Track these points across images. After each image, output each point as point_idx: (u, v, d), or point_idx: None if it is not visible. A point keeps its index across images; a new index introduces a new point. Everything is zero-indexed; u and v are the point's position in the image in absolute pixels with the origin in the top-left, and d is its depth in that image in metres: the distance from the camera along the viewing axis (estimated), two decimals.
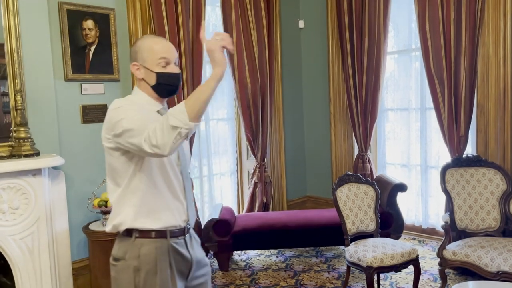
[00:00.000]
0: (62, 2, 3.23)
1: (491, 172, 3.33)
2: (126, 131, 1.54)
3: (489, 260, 2.86)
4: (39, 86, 3.07)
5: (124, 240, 1.69)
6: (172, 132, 1.46)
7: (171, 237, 1.70)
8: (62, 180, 3.11)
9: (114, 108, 1.62)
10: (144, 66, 1.71)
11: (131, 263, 1.65)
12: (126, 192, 1.67)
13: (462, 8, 3.65)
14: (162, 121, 1.48)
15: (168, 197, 1.70)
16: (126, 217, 1.66)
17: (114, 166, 1.68)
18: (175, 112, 1.48)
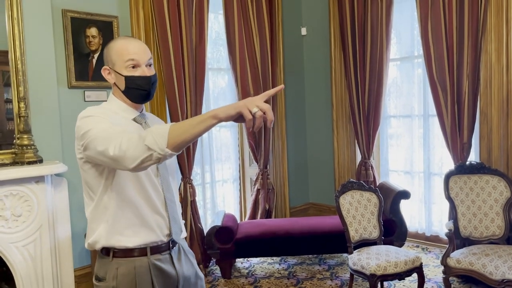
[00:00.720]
0: (66, 10, 3.26)
1: (495, 179, 3.31)
2: (93, 140, 1.42)
3: (493, 268, 2.84)
4: (43, 93, 3.09)
5: (103, 259, 1.59)
6: (144, 151, 1.33)
7: (152, 254, 1.59)
8: (65, 187, 3.11)
9: (84, 116, 1.50)
10: (113, 69, 1.59)
11: (110, 284, 1.55)
12: (99, 208, 1.56)
13: (465, 15, 3.65)
14: (141, 136, 1.36)
15: (145, 212, 1.57)
16: (100, 235, 1.55)
17: (86, 180, 1.57)
18: (155, 133, 1.34)
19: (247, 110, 1.31)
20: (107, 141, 1.38)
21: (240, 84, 4.33)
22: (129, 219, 1.55)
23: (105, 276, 1.57)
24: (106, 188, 1.54)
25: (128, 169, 1.37)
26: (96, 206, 1.56)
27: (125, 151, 1.34)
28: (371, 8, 4.35)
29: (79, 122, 1.50)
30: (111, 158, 1.37)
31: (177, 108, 3.77)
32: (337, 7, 4.69)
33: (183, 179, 3.88)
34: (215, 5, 4.32)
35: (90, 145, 1.43)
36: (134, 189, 1.56)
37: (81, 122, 1.49)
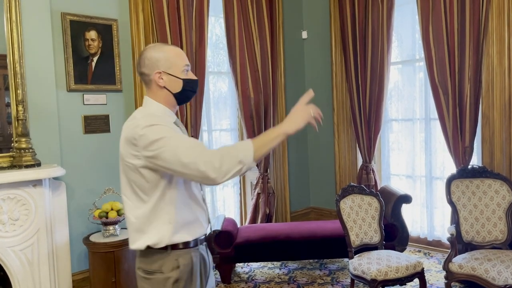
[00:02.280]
0: (65, 13, 3.25)
1: (497, 183, 3.27)
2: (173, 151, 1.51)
3: (496, 274, 2.80)
4: (41, 97, 3.08)
5: (158, 254, 1.64)
6: (236, 165, 1.51)
7: (200, 244, 1.73)
8: (63, 191, 3.09)
9: (148, 125, 1.55)
10: (168, 73, 1.67)
11: (170, 275, 1.64)
12: (155, 210, 1.62)
13: (466, 18, 3.63)
14: (229, 151, 1.52)
15: (195, 208, 1.71)
16: (164, 235, 1.62)
17: (139, 184, 1.61)
18: (243, 148, 1.53)
19: (313, 120, 1.60)
20: (194, 156, 1.50)
21: (240, 88, 4.31)
22: (185, 218, 1.67)
23: (160, 268, 1.64)
24: (164, 192, 1.61)
25: (215, 183, 1.53)
26: (152, 209, 1.62)
27: (219, 168, 1.49)
28: (372, 11, 4.33)
29: (142, 130, 1.55)
30: (201, 172, 1.50)
31: (177, 112, 3.74)
32: (338, 10, 4.68)
33: None
34: (215, 8, 4.31)
35: (165, 155, 1.52)
36: (186, 190, 1.68)
37: (146, 131, 1.54)
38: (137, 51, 3.61)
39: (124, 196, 1.68)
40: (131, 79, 3.62)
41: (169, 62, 1.67)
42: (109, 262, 3.10)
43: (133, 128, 1.58)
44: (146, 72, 1.68)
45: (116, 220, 3.18)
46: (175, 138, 1.55)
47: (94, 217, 3.18)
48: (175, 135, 1.56)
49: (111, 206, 3.18)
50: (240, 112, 4.39)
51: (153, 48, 1.71)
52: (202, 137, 4.35)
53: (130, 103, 3.63)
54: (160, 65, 1.66)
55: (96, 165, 3.46)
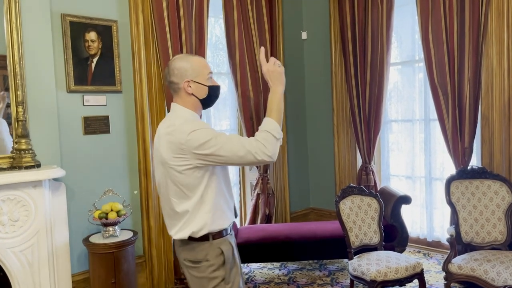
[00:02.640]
0: (65, 14, 3.25)
1: (497, 184, 3.28)
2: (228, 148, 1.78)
3: (495, 274, 2.80)
4: (41, 98, 3.07)
5: (201, 244, 1.89)
6: (277, 142, 1.81)
7: (231, 231, 1.99)
8: (63, 192, 3.09)
9: (192, 130, 1.79)
10: (195, 81, 1.89)
11: (215, 261, 1.88)
12: (199, 202, 1.86)
13: (465, 19, 3.63)
14: (264, 136, 1.79)
15: (228, 198, 1.96)
16: (205, 223, 1.87)
17: (185, 182, 1.85)
18: (271, 127, 1.81)
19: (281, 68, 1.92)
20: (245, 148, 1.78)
21: (240, 88, 4.31)
22: (222, 207, 1.92)
23: (206, 257, 1.88)
24: (207, 186, 1.86)
25: (271, 162, 1.83)
26: (196, 202, 1.86)
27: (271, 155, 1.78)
28: (372, 12, 4.33)
29: (189, 135, 1.78)
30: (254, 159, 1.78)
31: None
32: (337, 11, 4.68)
33: None
34: (215, 9, 4.31)
35: (221, 152, 1.78)
36: (223, 182, 1.94)
37: (193, 135, 1.78)
38: (137, 52, 3.61)
39: (170, 196, 1.91)
40: (131, 80, 3.62)
41: (196, 71, 1.89)
42: (109, 263, 3.10)
43: (178, 134, 1.81)
44: (176, 81, 1.90)
45: (116, 221, 3.18)
46: (223, 136, 1.81)
47: (94, 218, 3.18)
48: (220, 133, 1.82)
49: (111, 207, 3.18)
50: (240, 112, 4.39)
51: (181, 59, 1.93)
52: None
53: (130, 104, 3.64)
54: (189, 74, 1.88)
55: (96, 166, 3.46)
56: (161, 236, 3.77)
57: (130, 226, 3.59)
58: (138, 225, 3.69)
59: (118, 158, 3.59)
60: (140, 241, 3.69)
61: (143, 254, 3.71)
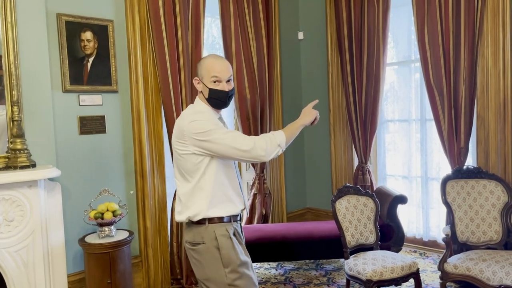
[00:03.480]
0: (60, 13, 3.24)
1: (492, 184, 3.29)
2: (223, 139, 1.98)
3: (491, 274, 2.81)
4: (37, 97, 3.06)
5: (198, 227, 2.07)
6: (276, 148, 2.03)
7: (233, 221, 2.12)
8: (58, 192, 3.08)
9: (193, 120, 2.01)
10: (202, 81, 2.12)
11: (210, 244, 2.03)
12: (196, 188, 2.05)
13: (461, 20, 3.64)
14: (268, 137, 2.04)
15: (230, 191, 2.11)
16: (201, 209, 2.04)
17: (185, 167, 2.06)
18: (279, 136, 2.05)
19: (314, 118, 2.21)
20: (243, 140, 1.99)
21: (236, 88, 4.31)
22: (220, 197, 2.07)
23: (202, 240, 2.05)
24: (204, 173, 2.04)
25: (263, 161, 2.05)
26: (193, 187, 2.05)
27: (265, 150, 1.99)
28: (368, 12, 4.34)
29: (190, 124, 2.01)
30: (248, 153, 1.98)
31: (173, 113, 3.74)
32: (334, 11, 4.69)
33: None
34: (211, 9, 4.31)
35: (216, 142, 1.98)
36: (224, 174, 2.09)
37: (193, 124, 2.01)
38: (133, 52, 3.61)
39: (175, 179, 2.15)
40: (127, 80, 3.62)
41: (203, 71, 2.11)
42: (104, 263, 3.09)
43: (182, 122, 2.04)
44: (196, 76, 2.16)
45: (112, 221, 3.17)
46: (221, 129, 2.01)
47: (90, 218, 3.17)
48: (219, 126, 2.02)
49: (107, 207, 3.17)
50: (236, 112, 4.39)
51: (203, 58, 2.18)
52: None
53: (126, 103, 3.63)
54: (199, 74, 2.13)
55: (91, 166, 3.45)
56: (157, 236, 3.77)
57: (126, 226, 3.58)
58: (134, 225, 3.68)
59: (114, 158, 3.58)
60: (136, 241, 3.68)
61: (139, 254, 3.71)
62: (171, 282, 3.86)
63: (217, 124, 2.06)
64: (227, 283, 2.01)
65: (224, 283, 2.01)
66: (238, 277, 2.02)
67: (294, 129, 2.13)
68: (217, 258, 2.02)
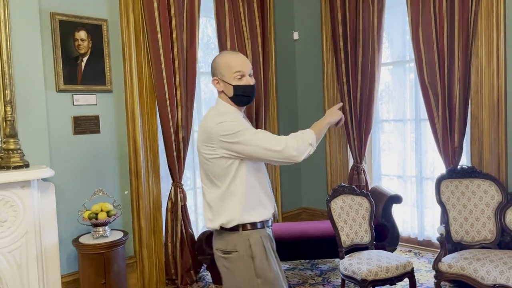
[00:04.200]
0: (54, 13, 3.22)
1: (486, 183, 3.30)
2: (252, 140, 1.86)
3: (485, 273, 2.82)
4: (30, 97, 3.04)
5: (231, 234, 1.95)
6: (308, 147, 1.90)
7: (266, 227, 2.02)
8: (52, 192, 3.06)
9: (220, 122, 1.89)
10: (222, 80, 1.98)
11: (244, 253, 1.92)
12: (227, 193, 1.93)
13: (455, 20, 3.66)
14: (299, 136, 1.90)
15: (261, 195, 2.00)
16: (234, 215, 1.93)
17: (214, 171, 1.94)
18: (309, 134, 1.92)
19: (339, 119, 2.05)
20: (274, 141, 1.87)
21: None
22: (252, 201, 1.96)
23: (235, 248, 1.93)
24: (234, 177, 1.92)
25: (296, 161, 1.89)
26: (224, 192, 1.94)
27: (297, 149, 1.86)
28: (363, 12, 4.35)
29: (217, 126, 1.89)
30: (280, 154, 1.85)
31: (168, 112, 3.73)
32: (329, 11, 4.69)
33: (173, 184, 3.84)
34: (206, 9, 4.30)
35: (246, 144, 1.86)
36: (254, 177, 1.98)
37: (220, 126, 1.88)
38: (127, 51, 3.59)
39: (203, 184, 2.04)
40: (121, 79, 3.60)
41: (222, 69, 1.97)
42: (98, 264, 3.07)
43: (208, 124, 1.92)
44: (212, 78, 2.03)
45: (106, 221, 3.15)
46: (252, 129, 1.90)
47: (84, 218, 3.15)
48: (248, 127, 1.91)
49: (101, 207, 3.16)
50: None
51: (217, 57, 2.04)
52: (193, 137, 4.34)
53: (121, 103, 3.61)
54: (218, 73, 1.99)
55: (85, 166, 3.43)
56: (152, 236, 3.75)
57: (120, 226, 3.57)
58: (129, 225, 3.67)
59: (108, 158, 3.56)
60: (131, 242, 3.67)
61: (134, 255, 3.69)
62: (166, 282, 3.84)
63: (245, 124, 1.94)
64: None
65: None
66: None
67: (321, 128, 1.99)
68: (250, 268, 1.90)
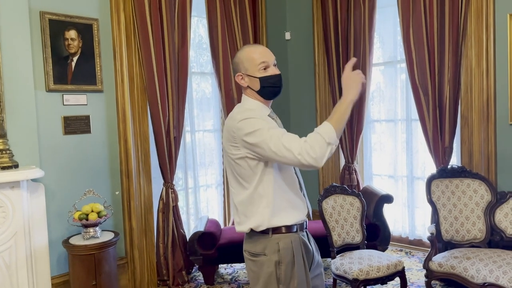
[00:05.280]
0: (44, 12, 3.19)
1: (476, 183, 3.33)
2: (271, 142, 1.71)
3: (475, 272, 2.85)
4: (19, 97, 3.02)
5: (261, 237, 1.85)
6: (327, 147, 1.68)
7: (299, 230, 1.88)
8: (41, 193, 3.03)
9: (243, 118, 1.77)
10: (247, 74, 1.88)
11: (272, 257, 1.82)
12: (255, 195, 1.83)
13: (445, 21, 3.69)
14: (315, 138, 1.69)
15: (292, 196, 1.88)
16: (263, 219, 1.82)
17: (240, 172, 1.84)
18: (326, 131, 1.69)
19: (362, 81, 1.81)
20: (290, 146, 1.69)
21: (223, 88, 4.30)
22: (282, 204, 1.84)
23: (264, 251, 1.83)
24: (261, 178, 1.81)
25: (317, 167, 1.71)
26: (251, 194, 1.83)
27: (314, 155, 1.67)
28: (354, 13, 4.36)
29: (239, 123, 1.77)
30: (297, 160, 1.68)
31: (159, 113, 3.72)
32: (320, 11, 4.70)
33: (164, 184, 3.82)
34: (198, 8, 4.29)
35: (263, 147, 1.73)
36: (282, 178, 1.86)
37: (242, 124, 1.76)
38: (118, 51, 3.57)
39: (230, 186, 1.93)
40: (112, 79, 3.58)
41: (245, 64, 1.87)
42: (89, 265, 3.05)
43: (231, 122, 1.82)
44: (234, 76, 1.94)
45: (97, 222, 3.13)
46: (271, 130, 1.73)
47: (74, 219, 3.13)
48: (270, 127, 1.75)
49: (92, 208, 3.14)
50: (223, 112, 4.38)
51: (238, 52, 1.94)
52: (185, 137, 4.33)
53: (112, 103, 3.59)
54: (241, 68, 1.89)
55: (76, 166, 3.40)
56: (144, 237, 3.73)
57: (111, 227, 3.55)
58: (120, 226, 3.65)
59: (99, 158, 3.54)
60: (122, 243, 3.64)
61: (125, 256, 3.67)
62: (157, 283, 3.83)
63: (268, 122, 1.80)
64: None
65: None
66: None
67: (342, 113, 1.74)
68: (273, 274, 1.82)
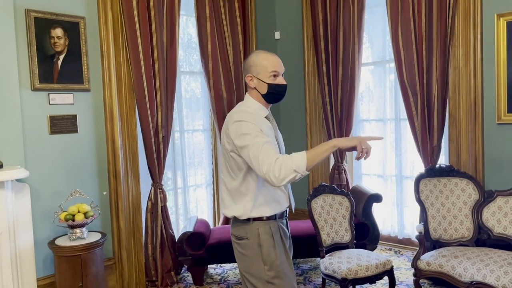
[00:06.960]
0: (29, 9, 3.14)
1: (464, 182, 3.35)
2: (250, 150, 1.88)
3: (462, 270, 2.86)
4: (4, 96, 2.97)
5: (244, 223, 2.08)
6: (291, 173, 1.82)
7: (278, 218, 2.12)
8: (27, 194, 2.99)
9: (237, 120, 1.97)
10: (257, 77, 2.08)
11: (253, 241, 2.06)
12: (242, 185, 2.04)
13: (433, 21, 3.71)
14: (286, 161, 1.82)
15: (275, 190, 2.09)
16: (245, 210, 2.05)
17: (230, 164, 2.07)
18: (298, 159, 1.82)
19: (360, 147, 1.87)
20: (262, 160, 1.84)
21: (213, 88, 4.27)
22: (264, 197, 2.07)
23: (246, 235, 2.07)
24: (246, 174, 2.03)
25: (275, 186, 1.89)
26: (238, 186, 2.06)
27: (278, 175, 1.82)
28: (343, 12, 4.37)
29: (233, 124, 1.97)
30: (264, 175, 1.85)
31: (147, 112, 3.69)
32: (310, 11, 4.70)
33: (153, 184, 3.79)
34: (187, 7, 4.26)
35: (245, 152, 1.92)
36: None
37: (236, 125, 1.96)
38: (106, 50, 3.53)
39: (222, 173, 2.16)
40: (99, 78, 3.54)
41: (258, 68, 2.07)
42: (75, 266, 3.01)
43: (229, 119, 2.03)
44: (244, 74, 2.13)
45: (83, 223, 3.09)
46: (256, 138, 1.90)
47: (60, 220, 3.08)
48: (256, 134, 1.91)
49: (78, 209, 3.10)
50: (213, 112, 4.36)
51: (252, 55, 2.13)
52: (173, 137, 4.30)
53: (99, 102, 3.55)
54: (252, 70, 2.09)
55: (62, 166, 3.36)
56: (132, 237, 3.70)
57: (99, 228, 3.51)
58: (108, 226, 3.61)
59: (86, 158, 3.50)
60: (110, 243, 3.61)
61: (112, 256, 3.63)
62: (146, 284, 3.79)
63: (259, 128, 1.95)
64: (265, 280, 2.05)
65: (263, 279, 2.05)
66: (276, 276, 2.05)
67: (321, 152, 1.86)
68: (258, 255, 2.06)
